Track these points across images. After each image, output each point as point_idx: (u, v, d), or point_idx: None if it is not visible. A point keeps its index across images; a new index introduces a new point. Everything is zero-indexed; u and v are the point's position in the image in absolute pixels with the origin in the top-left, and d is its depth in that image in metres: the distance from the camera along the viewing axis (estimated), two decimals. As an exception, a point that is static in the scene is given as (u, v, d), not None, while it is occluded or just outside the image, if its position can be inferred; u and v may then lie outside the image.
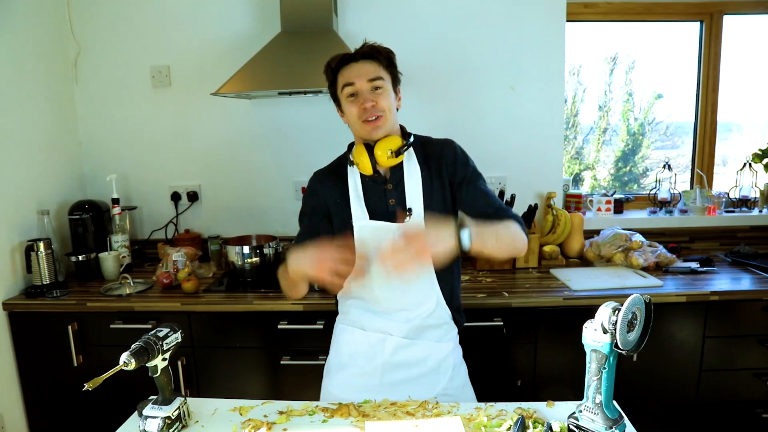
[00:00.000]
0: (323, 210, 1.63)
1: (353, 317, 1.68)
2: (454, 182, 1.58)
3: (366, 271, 1.60)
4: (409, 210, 1.55)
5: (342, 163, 1.64)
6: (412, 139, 1.57)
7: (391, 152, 1.51)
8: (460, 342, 1.73)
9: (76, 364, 2.25)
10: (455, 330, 1.69)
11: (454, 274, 1.66)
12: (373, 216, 1.56)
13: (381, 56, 1.53)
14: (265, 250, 2.47)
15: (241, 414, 1.37)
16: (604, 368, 1.15)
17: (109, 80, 2.81)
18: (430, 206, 1.55)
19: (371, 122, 1.50)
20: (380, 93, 1.51)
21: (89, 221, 2.61)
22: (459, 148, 1.62)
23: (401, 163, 1.57)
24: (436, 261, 1.31)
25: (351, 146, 1.65)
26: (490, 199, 1.57)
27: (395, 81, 1.58)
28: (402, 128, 1.61)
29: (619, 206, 2.92)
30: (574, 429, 1.19)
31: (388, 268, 1.27)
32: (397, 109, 1.58)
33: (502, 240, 1.45)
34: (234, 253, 2.45)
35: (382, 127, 1.51)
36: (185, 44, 2.75)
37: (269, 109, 2.79)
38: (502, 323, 2.14)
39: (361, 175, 1.59)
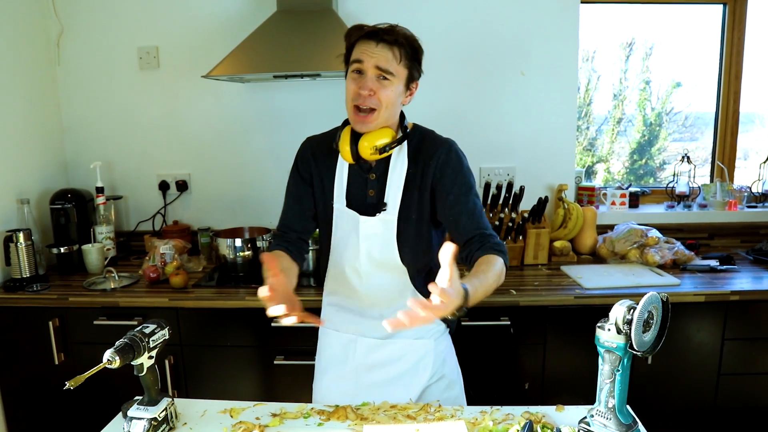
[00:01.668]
0: (310, 179, 1.64)
1: (330, 318, 1.70)
2: (438, 189, 1.53)
3: (341, 268, 1.61)
4: (384, 205, 1.54)
5: (335, 137, 1.60)
6: (407, 131, 1.54)
7: (375, 149, 1.48)
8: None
9: (57, 362, 2.25)
10: (441, 325, 1.67)
11: (432, 272, 1.65)
12: (350, 204, 1.57)
13: (404, 48, 1.46)
14: (258, 244, 2.46)
15: (231, 416, 1.37)
16: (618, 370, 1.15)
17: (94, 62, 2.80)
18: (407, 206, 1.54)
19: (360, 115, 1.47)
20: (385, 85, 1.45)
21: (72, 211, 2.60)
22: (455, 152, 1.55)
23: (390, 154, 1.54)
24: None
25: (345, 123, 1.60)
26: (475, 220, 1.50)
27: (411, 77, 1.51)
28: (401, 117, 1.57)
29: (634, 200, 2.91)
30: (586, 435, 1.19)
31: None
32: (403, 104, 1.54)
33: (489, 292, 1.35)
34: (225, 247, 2.44)
35: (370, 124, 1.47)
36: (175, 23, 2.73)
37: (264, 94, 2.78)
38: (509, 322, 2.14)
39: None
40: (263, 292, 1.18)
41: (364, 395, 1.51)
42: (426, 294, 1.53)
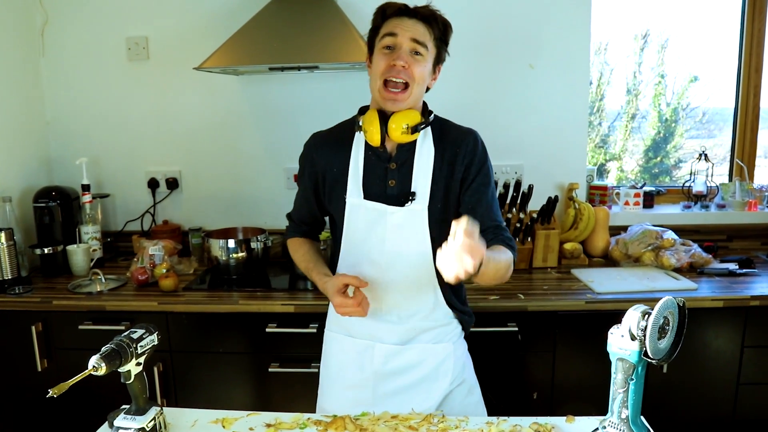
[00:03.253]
0: (314, 180, 1.65)
1: (341, 320, 1.68)
2: (466, 178, 1.59)
3: (356, 266, 1.61)
4: (413, 194, 1.54)
5: (347, 128, 1.62)
6: (432, 117, 1.57)
7: (407, 127, 1.49)
8: (468, 350, 1.72)
9: (40, 369, 2.25)
10: (458, 328, 1.68)
11: None
12: (367, 196, 1.57)
13: (437, 26, 1.52)
14: (253, 245, 2.46)
15: (224, 426, 1.37)
16: (632, 379, 1.14)
17: (80, 52, 2.80)
18: (433, 194, 1.55)
19: (392, 93, 1.48)
20: (418, 59, 1.49)
21: (56, 210, 2.60)
22: (481, 142, 1.61)
23: (413, 142, 1.56)
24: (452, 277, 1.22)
25: (362, 110, 1.62)
26: (492, 212, 1.60)
27: (439, 58, 1.57)
28: (424, 104, 1.61)
29: (649, 200, 2.91)
30: (597, 447, 1.19)
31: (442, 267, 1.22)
32: (428, 89, 1.58)
33: (498, 276, 1.46)
34: (218, 248, 2.44)
35: (402, 102, 1.49)
36: (165, 12, 2.74)
37: (259, 87, 2.78)
38: (516, 329, 2.14)
39: (366, 147, 1.58)
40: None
41: (382, 404, 1.52)
42: (448, 291, 1.60)
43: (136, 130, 2.85)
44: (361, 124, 1.55)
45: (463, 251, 1.16)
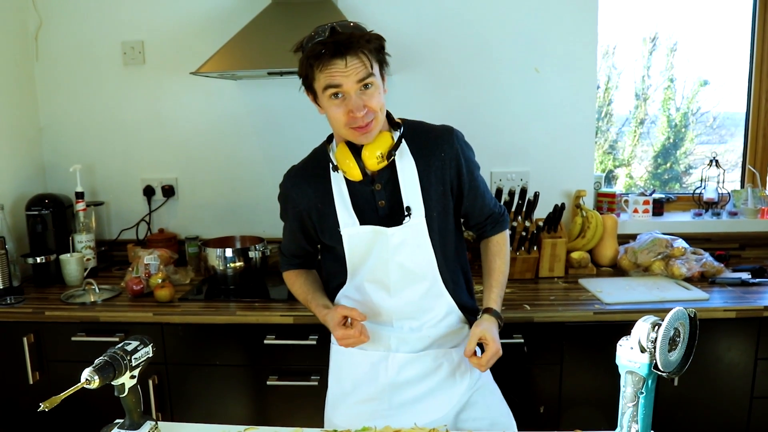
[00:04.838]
0: (299, 219, 1.65)
1: None
2: (457, 181, 1.60)
3: (361, 287, 1.62)
4: (408, 209, 1.54)
5: (321, 159, 1.62)
6: (401, 127, 1.55)
7: (381, 155, 1.48)
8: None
9: (32, 382, 2.25)
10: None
11: (460, 276, 1.68)
12: (362, 222, 1.56)
13: (369, 46, 1.43)
14: (251, 254, 2.46)
15: (220, 441, 1.37)
16: (642, 393, 1.14)
17: (75, 57, 2.81)
18: (428, 203, 1.56)
19: (360, 128, 1.45)
20: (371, 93, 1.44)
21: (49, 218, 2.61)
22: (461, 139, 1.61)
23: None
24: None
25: (331, 138, 1.63)
26: (486, 201, 1.69)
27: (382, 66, 1.49)
28: (389, 116, 1.57)
29: (658, 207, 2.91)
30: (606, 463, 1.18)
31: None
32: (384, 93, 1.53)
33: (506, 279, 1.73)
34: (215, 257, 2.45)
35: (373, 131, 1.47)
36: (162, 16, 2.75)
37: (258, 92, 2.79)
38: (522, 340, 2.13)
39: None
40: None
41: (399, 415, 1.53)
42: (459, 298, 1.64)
43: (132, 137, 2.86)
44: (335, 163, 1.53)
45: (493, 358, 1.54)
